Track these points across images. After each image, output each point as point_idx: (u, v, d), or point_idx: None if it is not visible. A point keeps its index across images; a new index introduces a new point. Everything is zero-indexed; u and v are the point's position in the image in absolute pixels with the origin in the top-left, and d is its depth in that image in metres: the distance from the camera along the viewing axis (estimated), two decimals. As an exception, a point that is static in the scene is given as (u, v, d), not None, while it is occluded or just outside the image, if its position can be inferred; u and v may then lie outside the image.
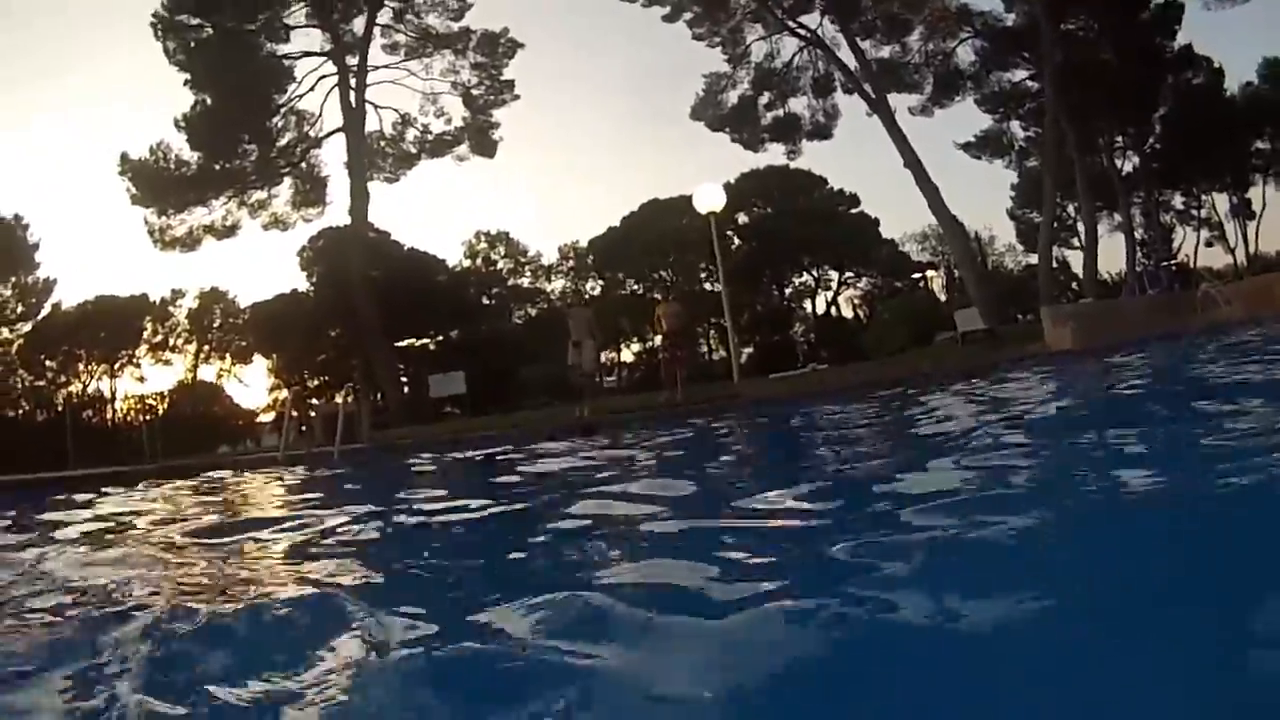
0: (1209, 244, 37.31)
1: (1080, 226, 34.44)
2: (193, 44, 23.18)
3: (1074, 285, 32.32)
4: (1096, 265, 27.52)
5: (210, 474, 9.52)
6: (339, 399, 12.22)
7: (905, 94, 26.81)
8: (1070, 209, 32.94)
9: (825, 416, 7.86)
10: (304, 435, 14.64)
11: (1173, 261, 27.91)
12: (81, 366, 33.22)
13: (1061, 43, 25.14)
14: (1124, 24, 26.62)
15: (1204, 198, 37.02)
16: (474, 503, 4.07)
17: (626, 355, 34.71)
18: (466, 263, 35.12)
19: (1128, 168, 33.20)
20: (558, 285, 35.94)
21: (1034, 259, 37.30)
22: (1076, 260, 34.53)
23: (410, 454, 10.67)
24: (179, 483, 8.51)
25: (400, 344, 25.51)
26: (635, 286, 33.67)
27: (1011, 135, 31.17)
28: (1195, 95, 30.40)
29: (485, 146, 26.21)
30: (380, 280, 24.83)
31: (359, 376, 26.85)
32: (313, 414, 15.71)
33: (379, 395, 23.90)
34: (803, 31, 26.09)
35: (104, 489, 7.83)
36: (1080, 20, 27.06)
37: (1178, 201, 37.01)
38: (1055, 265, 30.46)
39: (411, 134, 26.29)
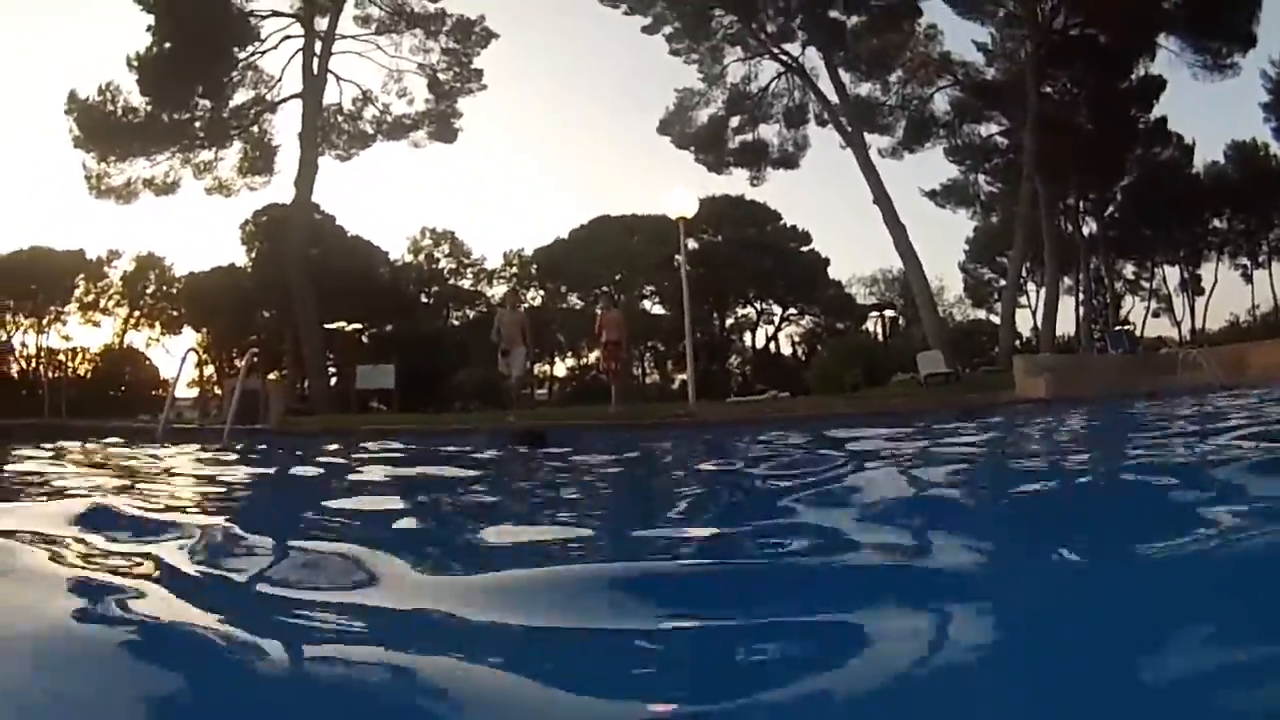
0: (1155, 314, 37.78)
1: (1031, 285, 34.74)
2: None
3: (1017, 343, 32.06)
4: (1055, 324, 27.45)
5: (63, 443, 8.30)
6: (240, 371, 11.19)
7: (876, 135, 26.55)
8: (1023, 267, 32.95)
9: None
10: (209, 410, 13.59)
11: (1124, 326, 28.09)
12: (8, 318, 31.57)
13: (1039, 102, 25.06)
14: (1104, 91, 26.68)
15: (1156, 269, 37.55)
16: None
17: (560, 369, 33.90)
18: (409, 258, 34.00)
19: (1085, 232, 33.48)
20: (499, 290, 34.90)
21: (980, 314, 37.61)
22: (1021, 318, 34.45)
23: (316, 441, 9.68)
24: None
25: (330, 325, 24.28)
26: (577, 301, 32.73)
27: (977, 187, 31.16)
28: (1162, 168, 30.71)
29: (445, 134, 25.32)
30: (318, 261, 23.68)
31: (289, 361, 25.62)
32: (218, 390, 14.57)
33: (304, 383, 22.67)
34: (784, 58, 25.73)
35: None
36: (1061, 82, 27.10)
37: (1129, 270, 37.50)
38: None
39: (371, 112, 25.34)
